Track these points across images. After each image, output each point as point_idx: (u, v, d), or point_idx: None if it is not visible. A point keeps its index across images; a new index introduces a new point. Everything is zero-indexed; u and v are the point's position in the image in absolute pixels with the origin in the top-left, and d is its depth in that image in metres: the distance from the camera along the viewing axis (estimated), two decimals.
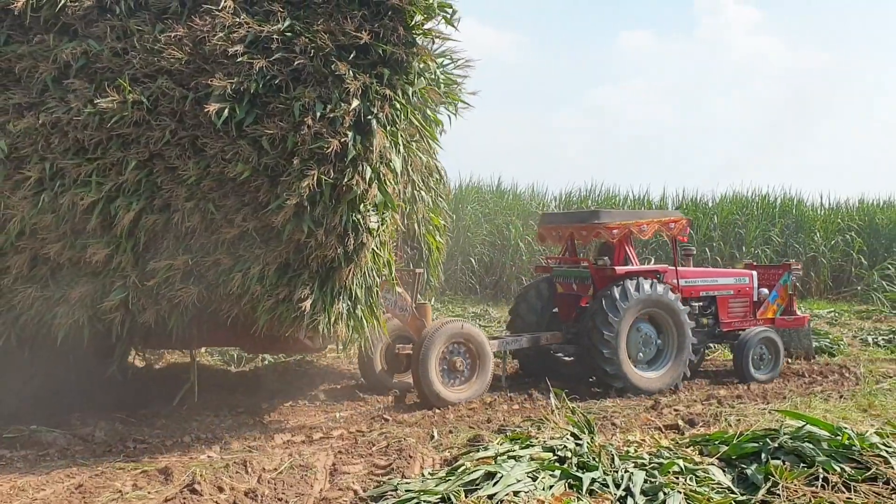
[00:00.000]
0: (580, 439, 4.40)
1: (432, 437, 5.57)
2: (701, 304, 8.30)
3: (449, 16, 5.69)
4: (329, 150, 4.99)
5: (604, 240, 7.84)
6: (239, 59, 5.04)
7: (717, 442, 4.37)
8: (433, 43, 5.73)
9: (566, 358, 8.08)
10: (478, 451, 4.38)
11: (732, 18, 46.15)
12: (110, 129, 5.16)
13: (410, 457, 4.88)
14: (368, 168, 5.23)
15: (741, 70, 44.31)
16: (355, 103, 5.11)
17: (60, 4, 5.22)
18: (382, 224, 5.53)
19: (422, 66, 5.67)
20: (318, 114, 5.02)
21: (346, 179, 5.10)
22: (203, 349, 8.72)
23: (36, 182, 5.18)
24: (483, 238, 16.26)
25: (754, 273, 8.70)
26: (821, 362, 8.58)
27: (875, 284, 15.03)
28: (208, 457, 5.22)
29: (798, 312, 8.89)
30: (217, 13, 5.17)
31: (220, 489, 4.29)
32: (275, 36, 5.12)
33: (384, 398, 7.13)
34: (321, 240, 5.14)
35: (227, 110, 4.98)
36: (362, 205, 5.28)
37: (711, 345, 9.00)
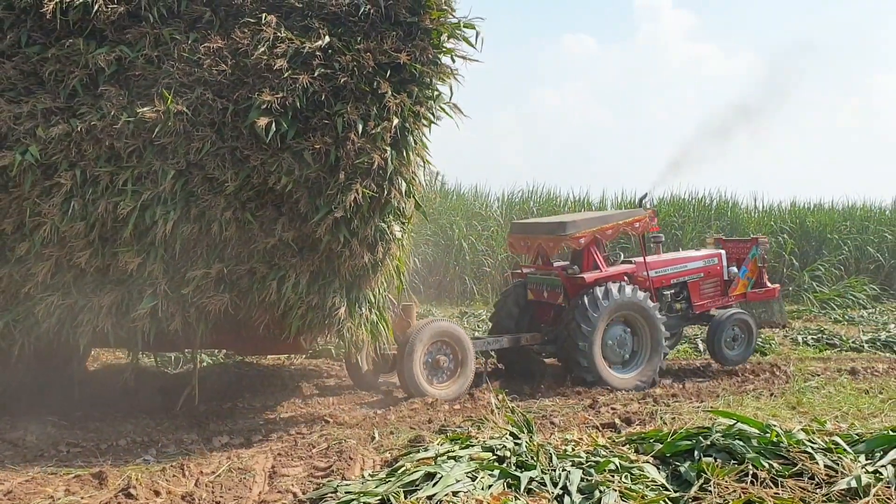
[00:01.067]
0: (519, 439, 4.48)
1: (373, 438, 5.62)
2: (673, 290, 8.71)
3: (472, 38, 6.03)
4: (373, 165, 5.32)
5: (574, 248, 8.14)
6: (284, 74, 5.26)
7: (652, 440, 4.50)
8: (453, 62, 6.03)
9: (546, 358, 8.52)
10: (418, 451, 4.45)
11: (670, 24, 47.07)
12: (147, 138, 5.27)
13: (351, 458, 4.92)
14: (403, 182, 5.62)
15: (679, 75, 45.28)
16: (396, 121, 5.45)
17: (95, 9, 5.28)
18: (404, 233, 5.94)
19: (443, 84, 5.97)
20: (360, 129, 5.32)
21: (385, 193, 5.46)
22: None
23: (66, 189, 5.21)
24: (427, 238, 16.29)
25: (723, 252, 9.08)
26: (753, 361, 8.91)
27: (805, 285, 15.64)
28: (144, 460, 5.29)
29: (768, 284, 9.19)
30: (259, 27, 5.39)
31: (157, 493, 4.28)
32: (317, 52, 5.37)
33: (327, 399, 7.06)
34: (355, 249, 5.47)
35: (270, 124, 5.18)
36: (391, 215, 5.67)
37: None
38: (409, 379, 7.01)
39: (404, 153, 5.61)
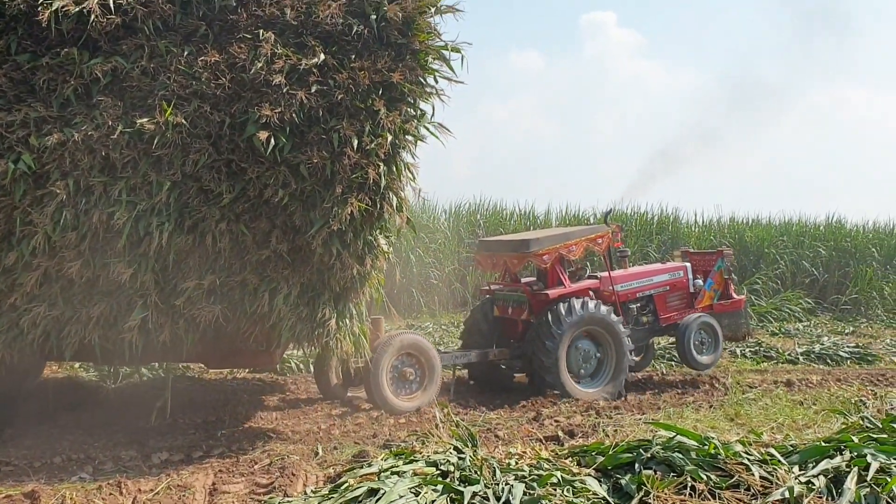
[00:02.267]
0: (463, 453, 4.51)
1: (316, 453, 5.64)
2: (639, 304, 9.02)
3: (454, 59, 6.28)
4: (368, 179, 5.56)
5: (538, 266, 8.41)
6: (283, 90, 5.45)
7: (594, 453, 4.57)
8: (437, 82, 6.30)
9: (516, 374, 8.74)
10: (361, 467, 4.46)
11: (615, 41, 47.95)
12: (143, 149, 5.37)
13: (293, 475, 4.91)
14: (395, 197, 5.87)
15: (623, 91, 46.10)
16: (389, 137, 5.71)
17: (91, 20, 5.36)
18: (390, 246, 6.22)
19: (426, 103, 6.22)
20: (355, 144, 5.55)
21: (378, 207, 5.69)
22: (78, 364, 8.35)
23: (60, 198, 5.25)
24: None
25: (688, 265, 9.43)
26: (692, 373, 9.03)
27: None
28: (80, 478, 5.30)
29: (735, 296, 9.50)
30: (257, 43, 5.57)
31: None
32: (313, 69, 5.58)
33: (270, 414, 6.98)
34: (345, 261, 5.65)
35: (269, 138, 5.37)
36: (377, 229, 5.94)
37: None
38: (375, 391, 7.17)
39: (395, 169, 5.88)
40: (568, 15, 51.79)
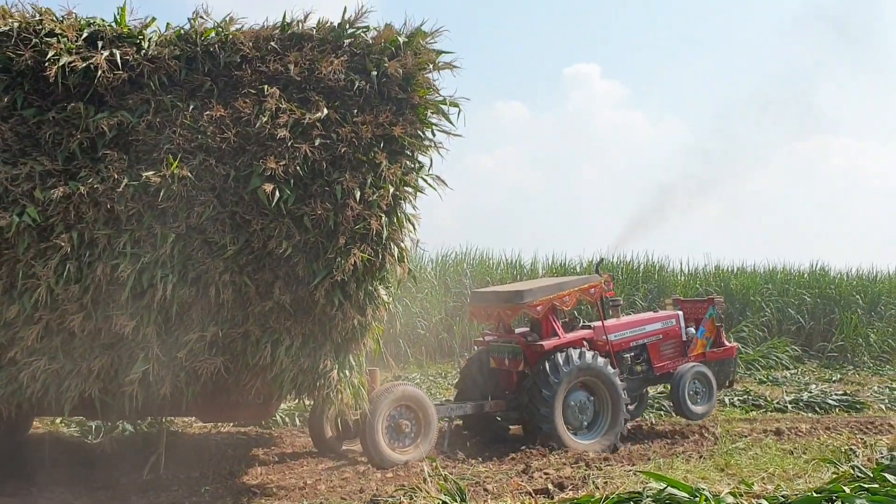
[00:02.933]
0: None
1: None
2: (633, 353, 9.02)
3: (454, 113, 6.45)
4: (371, 231, 5.67)
5: (532, 316, 8.48)
6: (288, 143, 5.59)
7: None
8: (434, 135, 6.46)
9: (510, 425, 8.71)
10: None
11: (599, 93, 48.69)
12: (149, 202, 5.48)
13: None
14: (396, 248, 5.98)
15: (607, 142, 46.70)
16: (392, 189, 5.86)
17: (98, 75, 5.52)
18: (390, 297, 6.30)
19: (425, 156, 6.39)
20: (358, 196, 5.69)
21: (380, 258, 5.78)
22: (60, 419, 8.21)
23: (64, 251, 5.32)
24: None
25: (680, 313, 9.46)
26: (682, 423, 8.99)
27: None
28: None
29: (727, 343, 9.56)
30: (262, 98, 5.74)
31: None
32: (317, 123, 5.74)
33: (255, 469, 6.87)
34: (347, 312, 5.73)
35: (275, 190, 5.49)
36: (378, 280, 5.99)
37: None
38: (371, 443, 7.13)
39: (396, 220, 6.01)
40: (552, 67, 52.65)
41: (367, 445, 7.13)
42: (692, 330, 9.28)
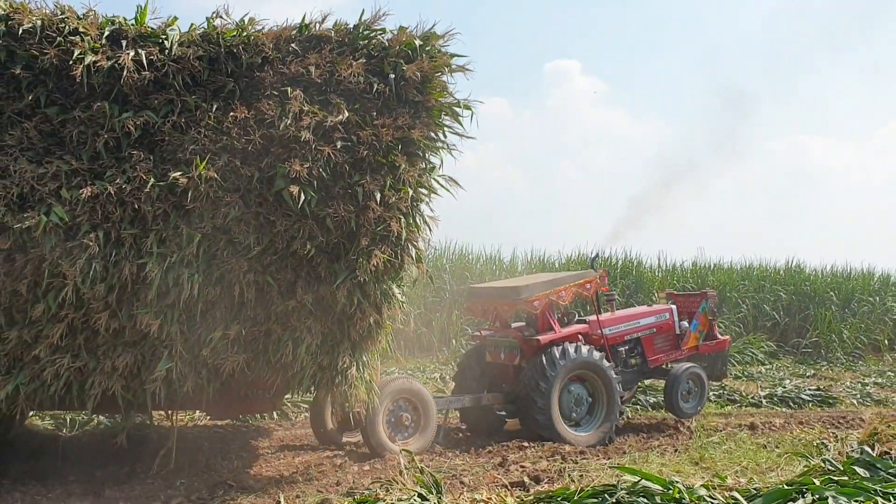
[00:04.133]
0: (427, 500, 4.48)
1: (278, 502, 5.51)
2: (627, 347, 9.27)
3: (466, 116, 6.64)
4: (392, 233, 5.88)
5: (529, 312, 8.72)
6: (312, 146, 5.73)
7: (559, 498, 4.60)
8: (446, 137, 6.64)
9: (505, 416, 8.83)
10: None
11: (579, 89, 48.81)
12: (175, 202, 5.59)
13: None
14: (413, 248, 6.20)
15: (587, 138, 46.86)
16: (410, 191, 6.09)
17: (124, 75, 5.59)
18: (404, 296, 6.50)
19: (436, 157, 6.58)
20: (379, 198, 5.88)
21: (399, 258, 6.00)
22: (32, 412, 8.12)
23: (88, 250, 5.39)
24: None
25: (673, 307, 9.72)
26: (658, 417, 9.13)
27: None
28: None
29: (719, 336, 9.82)
30: (285, 100, 5.87)
31: None
32: (338, 126, 5.89)
33: (231, 462, 6.89)
34: (365, 310, 5.94)
35: (300, 192, 5.65)
36: (398, 279, 6.24)
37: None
38: (372, 436, 7.34)
39: (413, 221, 6.21)
40: (533, 62, 52.67)
41: (369, 438, 7.34)
42: (685, 323, 9.54)
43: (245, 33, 6.13)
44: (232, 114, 5.77)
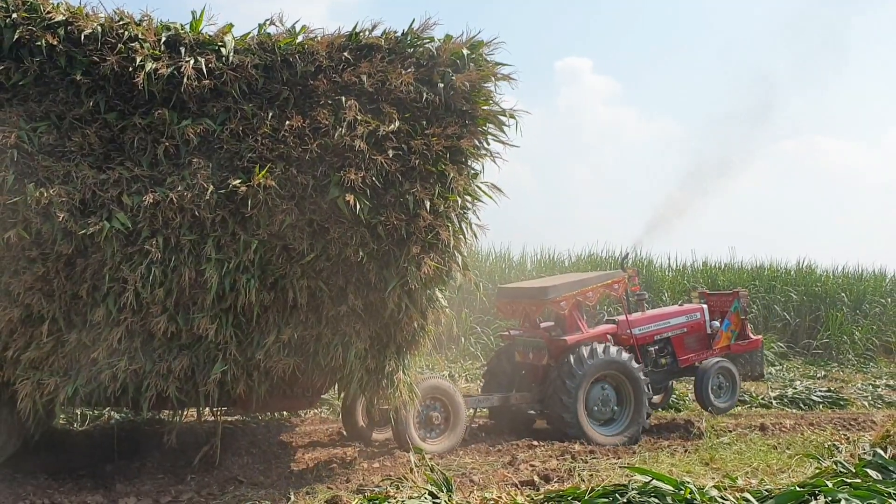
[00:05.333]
0: (438, 498, 4.50)
1: (288, 499, 5.55)
2: (657, 346, 9.35)
3: (510, 125, 6.70)
4: (441, 240, 6.03)
5: (557, 312, 8.83)
6: (365, 154, 5.85)
7: (569, 498, 4.60)
8: (489, 145, 6.74)
9: (532, 413, 8.89)
10: None
11: (590, 88, 48.68)
12: (232, 209, 5.73)
13: None
14: (460, 256, 6.39)
15: (598, 137, 46.74)
16: (459, 200, 6.26)
17: (184, 83, 5.70)
18: (446, 300, 6.70)
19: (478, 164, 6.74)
20: (429, 206, 6.02)
21: (447, 266, 6.16)
22: None
23: (150, 256, 5.55)
24: None
25: (704, 307, 9.79)
26: (668, 417, 9.13)
27: None
28: None
29: (752, 335, 9.83)
30: (339, 108, 5.99)
31: None
32: (391, 135, 6.01)
33: (241, 458, 6.90)
34: (412, 315, 6.12)
35: (355, 201, 5.78)
36: (442, 285, 6.40)
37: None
38: (402, 435, 7.47)
39: (461, 229, 6.38)
40: (544, 60, 52.55)
41: (400, 437, 7.49)
42: (717, 323, 9.60)
43: (298, 41, 6.25)
44: (288, 122, 5.90)
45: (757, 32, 51.60)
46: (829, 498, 4.41)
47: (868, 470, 5.17)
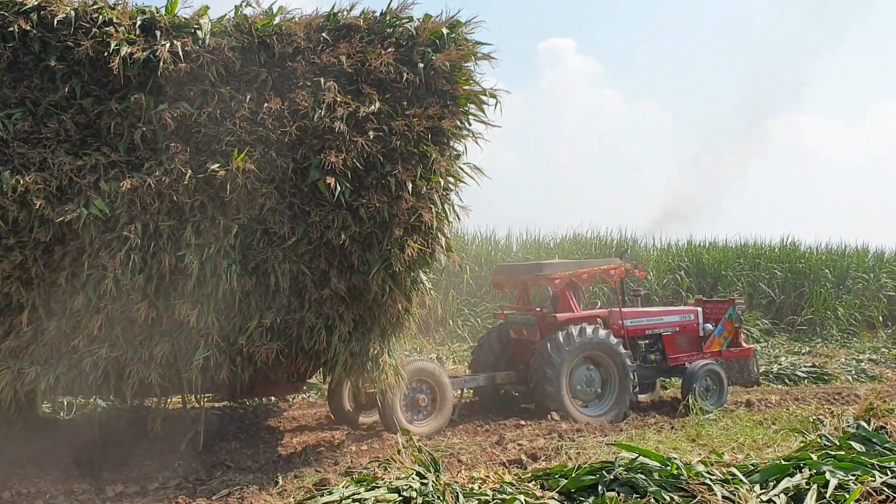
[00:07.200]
0: (426, 478, 4.49)
1: (276, 482, 5.50)
2: (647, 341, 9.41)
3: (492, 104, 6.65)
4: (424, 222, 5.96)
5: (550, 289, 8.96)
6: (346, 136, 5.78)
7: (557, 476, 4.59)
8: (470, 125, 6.68)
9: (516, 395, 9.05)
10: (322, 495, 4.39)
11: (573, 69, 48.60)
12: (211, 193, 5.64)
13: None
14: (443, 237, 6.33)
15: (582, 119, 46.69)
16: (442, 181, 6.18)
17: (160, 67, 5.60)
18: (429, 283, 6.65)
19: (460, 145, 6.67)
20: (411, 188, 5.96)
21: (430, 248, 6.12)
22: None
23: (128, 242, 5.47)
24: None
25: (699, 309, 9.84)
26: (654, 396, 9.01)
27: None
28: None
29: (744, 344, 9.85)
30: (318, 90, 5.89)
31: None
32: (371, 116, 5.94)
33: (229, 444, 6.85)
34: (396, 298, 6.08)
35: (336, 183, 5.73)
36: (426, 267, 6.39)
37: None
38: (389, 417, 7.49)
39: (444, 211, 6.32)
40: (527, 41, 52.41)
41: (387, 419, 7.50)
42: (710, 326, 9.61)
43: (276, 22, 6.15)
44: (266, 105, 5.82)
45: (745, 14, 51.62)
46: (814, 470, 4.44)
47: (852, 442, 5.20)
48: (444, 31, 6.41)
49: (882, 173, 47.24)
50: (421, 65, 6.26)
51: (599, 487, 4.36)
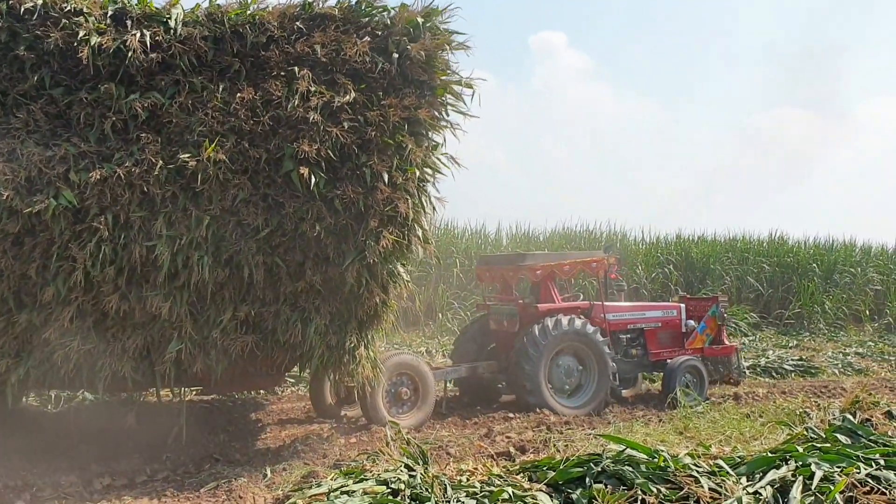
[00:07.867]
0: (414, 471, 4.49)
1: (265, 475, 5.52)
2: (629, 336, 9.37)
3: (468, 95, 6.62)
4: (400, 213, 5.91)
5: (531, 280, 8.91)
6: (319, 126, 5.72)
7: (545, 468, 4.61)
8: (448, 115, 6.65)
9: (500, 385, 9.01)
10: (311, 487, 4.35)
11: (565, 64, 48.59)
12: (183, 184, 5.58)
13: (240, 497, 4.95)
14: (420, 229, 6.25)
15: (572, 114, 46.72)
16: (418, 172, 6.12)
17: (129, 56, 5.55)
18: (408, 274, 6.62)
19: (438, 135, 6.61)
20: (386, 179, 5.91)
21: (406, 239, 6.06)
22: None
23: (101, 234, 5.40)
24: None
25: (682, 306, 9.85)
26: (642, 389, 9.06)
27: None
28: None
29: (727, 342, 9.86)
30: (292, 80, 5.84)
31: None
32: (345, 106, 5.88)
33: (217, 437, 6.87)
34: (372, 290, 6.01)
35: (310, 174, 5.67)
36: (403, 259, 6.30)
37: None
38: (372, 410, 7.45)
39: (420, 202, 6.26)
40: (518, 34, 52.35)
41: (369, 412, 7.44)
42: (692, 323, 9.61)
43: (249, 12, 6.09)
44: (239, 95, 5.76)
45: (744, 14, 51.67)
46: (800, 462, 4.46)
47: (838, 435, 5.23)
48: (420, 20, 6.35)
49: (870, 169, 47.52)
50: (396, 54, 6.20)
51: (587, 479, 4.36)
